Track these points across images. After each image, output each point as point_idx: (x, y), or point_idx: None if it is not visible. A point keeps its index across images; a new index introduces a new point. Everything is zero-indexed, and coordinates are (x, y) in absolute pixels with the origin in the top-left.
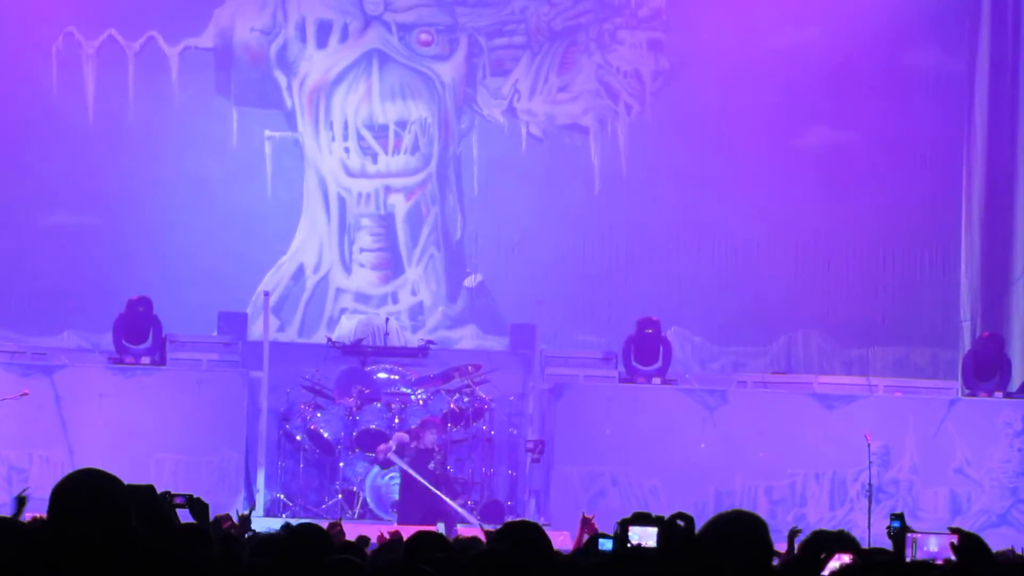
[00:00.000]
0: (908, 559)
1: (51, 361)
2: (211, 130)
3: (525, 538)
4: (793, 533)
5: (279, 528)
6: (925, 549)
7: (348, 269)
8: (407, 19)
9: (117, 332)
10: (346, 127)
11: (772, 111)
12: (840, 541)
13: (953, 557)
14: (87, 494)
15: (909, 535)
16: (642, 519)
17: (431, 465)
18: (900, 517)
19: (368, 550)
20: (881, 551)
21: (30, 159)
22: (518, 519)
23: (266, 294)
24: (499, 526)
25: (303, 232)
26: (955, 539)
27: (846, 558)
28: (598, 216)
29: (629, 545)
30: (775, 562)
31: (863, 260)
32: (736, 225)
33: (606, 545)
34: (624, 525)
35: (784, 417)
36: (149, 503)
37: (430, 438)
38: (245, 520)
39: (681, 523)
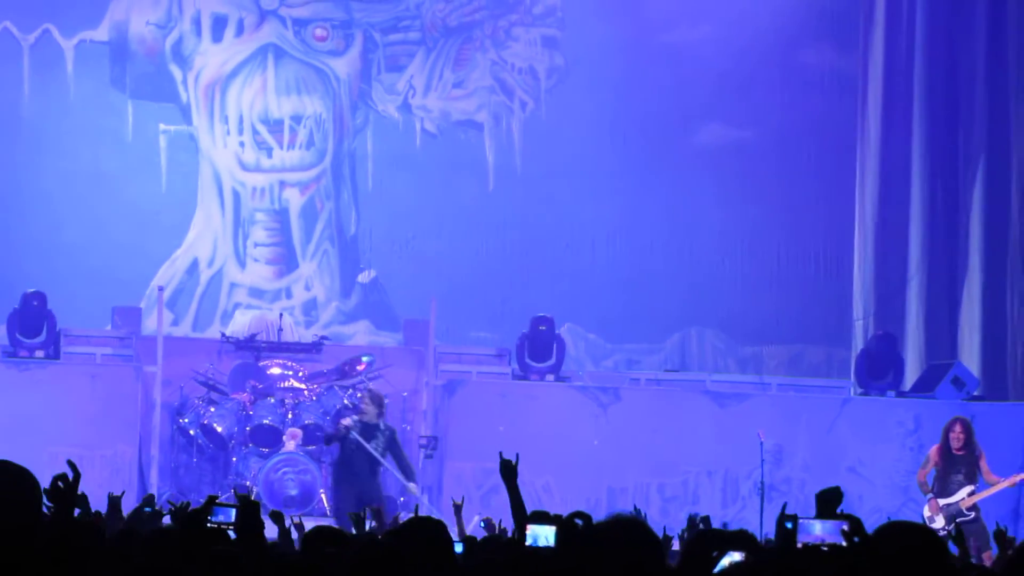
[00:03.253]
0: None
1: None
2: (106, 123)
3: (424, 535)
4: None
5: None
6: (811, 534)
7: (242, 264)
8: (302, 14)
9: (11, 326)
10: (241, 121)
11: (667, 109)
12: (733, 539)
13: (842, 542)
14: None
15: (800, 520)
16: (540, 518)
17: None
18: (793, 519)
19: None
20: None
21: None
22: (420, 516)
23: (160, 289)
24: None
25: (198, 226)
26: (845, 524)
27: (737, 556)
28: (492, 213)
29: (527, 544)
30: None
31: (757, 258)
32: (630, 222)
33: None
34: (522, 524)
35: (677, 415)
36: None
37: (371, 411)
38: (115, 501)
39: (579, 522)
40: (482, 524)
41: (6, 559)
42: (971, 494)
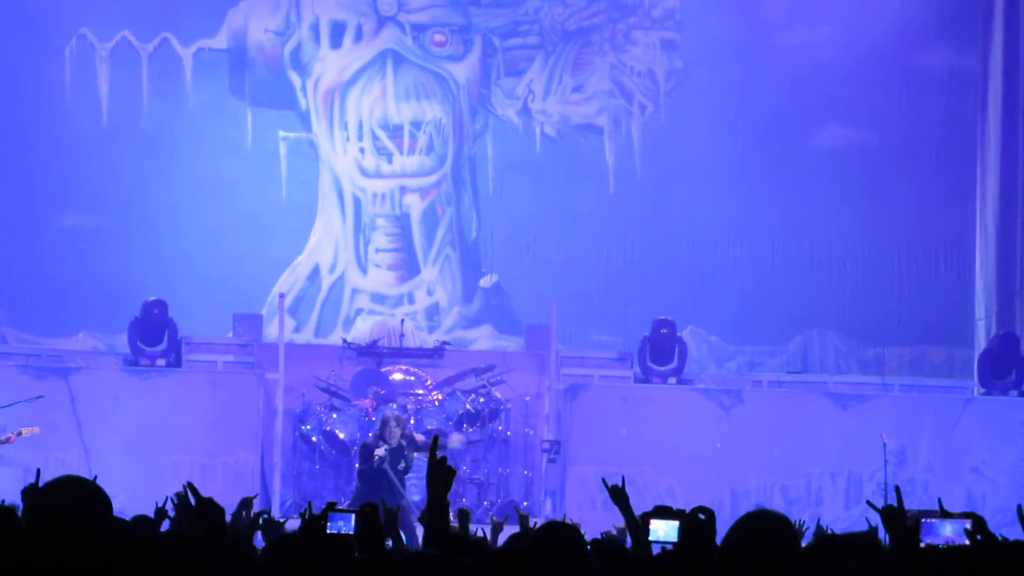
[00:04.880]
0: (922, 544)
1: (66, 363)
2: (225, 131)
3: (560, 539)
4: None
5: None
6: (939, 535)
7: (364, 269)
8: (421, 19)
9: (132, 334)
10: (361, 127)
11: (786, 111)
12: (856, 541)
13: (967, 542)
14: (66, 502)
15: (924, 520)
16: (663, 513)
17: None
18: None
19: None
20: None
21: (44, 161)
22: (554, 520)
23: (281, 295)
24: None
25: (318, 232)
26: (968, 523)
27: None
28: (613, 216)
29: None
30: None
31: (878, 259)
32: (751, 225)
33: None
34: (645, 518)
35: (800, 417)
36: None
37: (396, 433)
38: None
39: (702, 516)
40: (603, 536)
41: (71, 569)
42: None
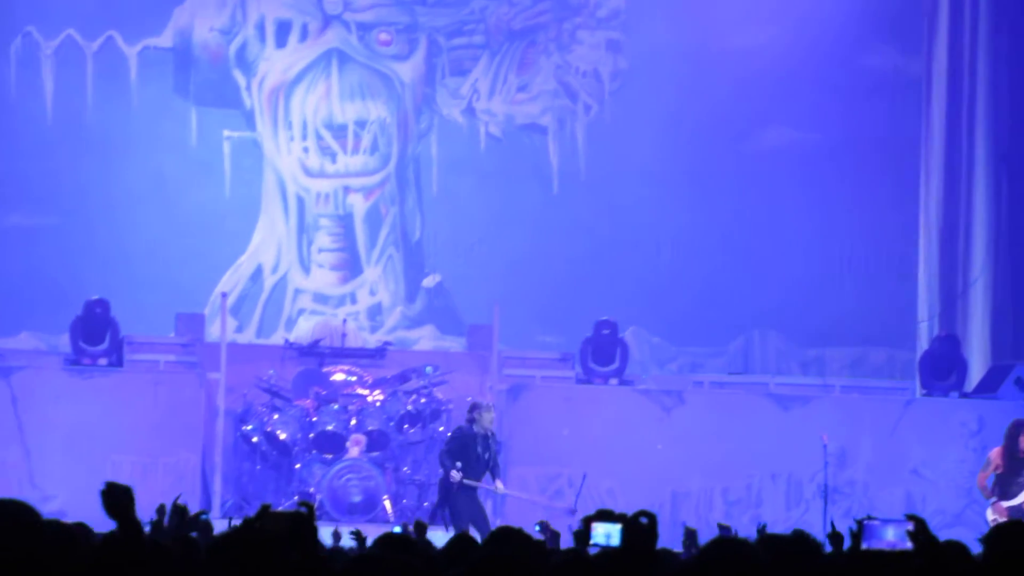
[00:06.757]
0: (864, 547)
1: (8, 363)
2: (170, 130)
3: (513, 544)
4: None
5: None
6: (884, 539)
7: (307, 269)
8: (366, 19)
9: (74, 333)
10: (305, 127)
11: (730, 112)
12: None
13: (909, 546)
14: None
15: (867, 523)
16: (606, 516)
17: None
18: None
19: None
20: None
21: None
22: (503, 526)
23: (223, 295)
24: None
25: (261, 232)
26: (910, 525)
27: None
28: (556, 216)
29: (592, 544)
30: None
31: (821, 260)
32: (694, 226)
33: None
34: (587, 522)
35: (741, 418)
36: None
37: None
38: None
39: (644, 520)
40: (537, 528)
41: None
42: None
